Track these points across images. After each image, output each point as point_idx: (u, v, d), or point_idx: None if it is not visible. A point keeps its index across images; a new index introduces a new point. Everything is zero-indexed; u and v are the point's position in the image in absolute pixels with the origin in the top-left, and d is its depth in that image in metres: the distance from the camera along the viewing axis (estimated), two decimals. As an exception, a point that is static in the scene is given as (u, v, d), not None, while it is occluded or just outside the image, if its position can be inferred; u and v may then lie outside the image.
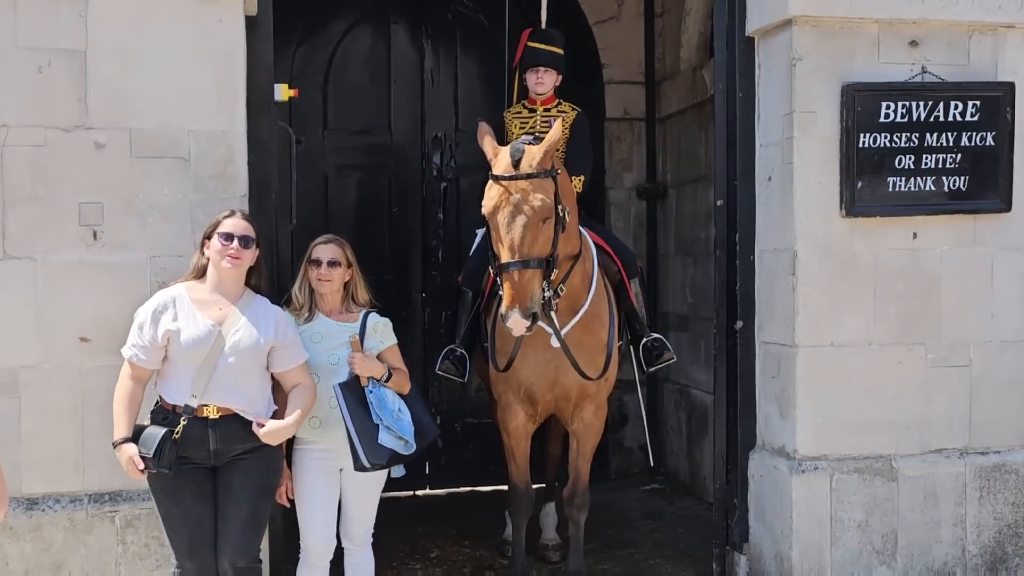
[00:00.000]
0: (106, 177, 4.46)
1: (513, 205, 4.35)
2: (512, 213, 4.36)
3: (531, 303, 4.33)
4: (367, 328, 4.37)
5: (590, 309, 4.95)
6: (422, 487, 7.61)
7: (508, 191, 4.36)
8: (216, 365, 3.92)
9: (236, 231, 4.02)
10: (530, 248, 4.36)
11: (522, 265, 4.33)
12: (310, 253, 4.42)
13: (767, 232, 5.23)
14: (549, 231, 4.44)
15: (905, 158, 5.04)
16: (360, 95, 7.56)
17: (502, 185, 4.39)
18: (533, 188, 4.37)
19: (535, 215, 4.36)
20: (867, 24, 5.04)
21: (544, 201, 4.38)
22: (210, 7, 4.52)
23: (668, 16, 7.86)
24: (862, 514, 5.06)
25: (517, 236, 4.34)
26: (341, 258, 4.40)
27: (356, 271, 4.47)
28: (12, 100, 4.39)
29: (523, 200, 4.35)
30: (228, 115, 4.56)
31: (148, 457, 3.86)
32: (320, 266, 4.37)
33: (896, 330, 5.10)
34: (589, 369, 4.98)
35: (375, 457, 4.19)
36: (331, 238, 4.48)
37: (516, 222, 4.35)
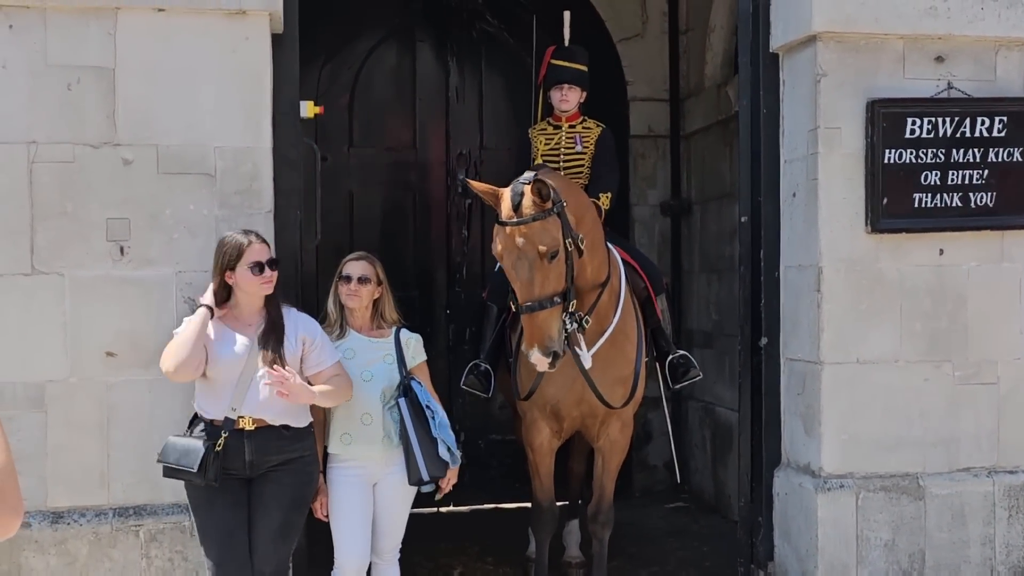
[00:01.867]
0: (133, 193, 4.50)
1: (519, 249, 4.37)
2: (519, 257, 4.39)
3: (550, 342, 4.38)
4: (400, 343, 4.40)
5: (618, 326, 4.94)
6: (445, 503, 7.56)
7: (513, 235, 4.38)
8: (252, 378, 3.97)
9: (263, 257, 4.06)
10: (542, 289, 4.39)
11: (537, 306, 4.38)
12: (341, 269, 4.44)
13: (792, 248, 5.21)
14: (560, 267, 4.45)
15: (931, 174, 5.02)
16: (386, 112, 7.61)
17: (508, 229, 4.41)
18: (537, 230, 4.38)
19: (541, 257, 4.39)
20: (892, 40, 5.02)
21: (550, 241, 4.39)
22: (237, 25, 4.56)
23: (692, 33, 7.86)
24: (889, 533, 5.02)
25: (526, 279, 4.40)
26: (371, 275, 4.41)
27: (386, 288, 4.48)
28: (42, 117, 4.44)
29: (528, 243, 4.36)
30: (254, 132, 4.60)
31: (192, 471, 3.91)
32: (350, 282, 4.38)
33: (923, 347, 5.06)
34: (616, 389, 4.97)
35: (435, 470, 4.25)
36: (362, 255, 4.50)
37: (524, 266, 4.39)
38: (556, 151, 5.69)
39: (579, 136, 5.65)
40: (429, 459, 4.23)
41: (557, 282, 4.43)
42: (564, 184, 4.76)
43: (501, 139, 7.68)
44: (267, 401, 3.98)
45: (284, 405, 4.01)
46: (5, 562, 4.41)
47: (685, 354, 5.42)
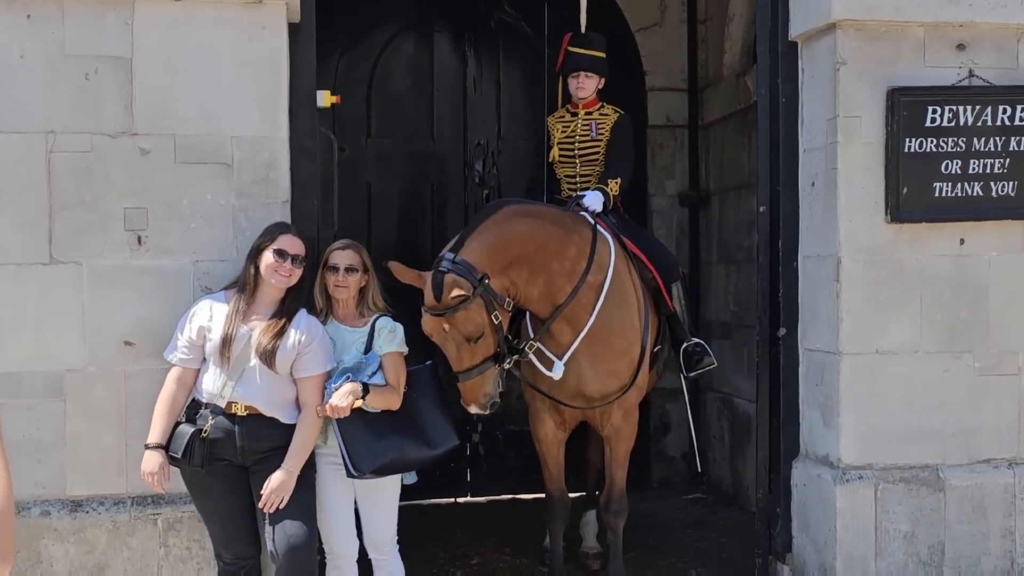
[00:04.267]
0: (151, 182, 4.51)
1: (444, 331, 4.49)
2: (446, 339, 4.51)
3: (485, 398, 4.62)
4: (374, 330, 4.32)
5: (598, 321, 4.91)
6: (463, 494, 7.61)
7: (439, 323, 4.48)
8: (245, 367, 4.06)
9: (291, 249, 4.14)
10: (471, 361, 4.54)
11: (466, 376, 4.56)
12: (326, 259, 4.39)
13: (810, 238, 5.18)
14: (488, 340, 4.56)
15: (952, 163, 4.97)
16: (403, 103, 7.60)
17: (431, 318, 4.50)
18: (460, 319, 4.45)
19: (466, 339, 4.50)
20: (912, 27, 4.97)
21: (472, 328, 4.48)
22: (254, 15, 4.56)
23: (711, 23, 7.82)
24: (908, 525, 4.98)
25: (455, 357, 4.55)
26: (358, 264, 4.37)
27: (372, 276, 4.42)
28: (59, 107, 4.45)
29: (452, 329, 4.47)
30: (271, 121, 4.59)
31: (178, 457, 4.04)
32: (337, 272, 4.34)
33: (943, 338, 5.02)
34: (609, 382, 4.99)
35: (366, 462, 4.16)
36: (348, 243, 4.44)
37: (452, 346, 4.53)
38: (571, 139, 5.68)
39: (595, 123, 5.63)
40: (362, 449, 4.15)
41: (486, 352, 4.58)
42: (492, 237, 4.62)
43: (519, 129, 7.66)
44: (258, 391, 4.07)
45: (274, 399, 4.10)
46: (25, 550, 4.44)
47: (700, 342, 5.40)
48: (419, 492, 5.88)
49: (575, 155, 5.67)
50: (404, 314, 7.18)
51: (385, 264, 4.52)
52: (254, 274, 4.16)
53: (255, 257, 4.18)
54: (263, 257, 4.15)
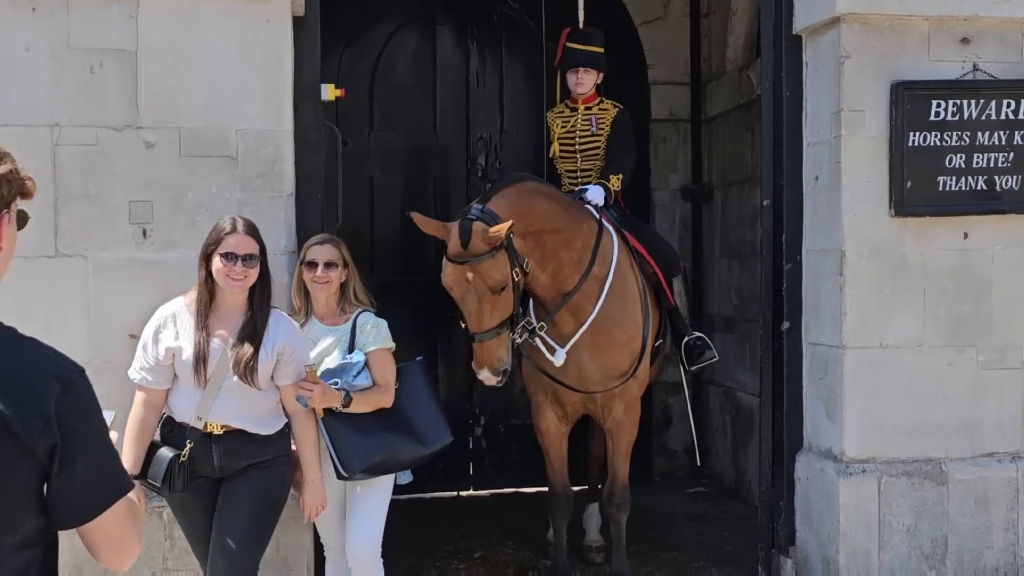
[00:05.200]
0: (155, 176, 4.52)
1: (468, 283, 4.44)
2: (468, 291, 4.46)
3: (499, 363, 4.55)
4: (356, 327, 4.14)
5: (601, 314, 4.93)
6: (465, 488, 7.62)
7: (462, 272, 4.44)
8: (221, 384, 3.78)
9: (239, 250, 3.74)
10: (489, 320, 4.50)
11: (484, 336, 4.50)
12: (304, 255, 4.24)
13: (814, 232, 5.18)
14: (508, 298, 4.53)
15: (956, 157, 4.97)
16: (406, 96, 7.60)
17: (454, 266, 4.46)
18: (486, 267, 4.43)
19: (489, 292, 4.46)
20: (917, 21, 4.97)
21: (499, 278, 4.46)
22: (258, 8, 4.56)
23: (714, 16, 7.81)
24: (911, 518, 4.99)
25: (474, 312, 4.49)
26: (337, 259, 4.20)
27: (353, 270, 4.27)
28: (64, 100, 4.46)
29: (476, 278, 4.43)
30: (275, 114, 4.61)
31: (157, 485, 3.80)
32: (316, 268, 4.18)
33: (946, 332, 5.03)
34: (609, 375, 4.98)
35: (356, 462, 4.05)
36: (326, 238, 4.28)
37: (473, 299, 4.47)
38: (572, 134, 5.68)
39: (595, 118, 5.64)
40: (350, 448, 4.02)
41: (504, 311, 4.55)
42: (518, 200, 4.67)
43: (521, 123, 7.66)
44: (237, 409, 3.81)
45: (255, 414, 3.84)
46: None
47: (701, 336, 5.42)
48: (421, 486, 5.90)
49: (576, 150, 5.68)
50: (399, 308, 7.21)
51: (407, 214, 4.55)
52: (207, 279, 3.80)
53: (206, 262, 3.81)
54: (212, 263, 3.78)
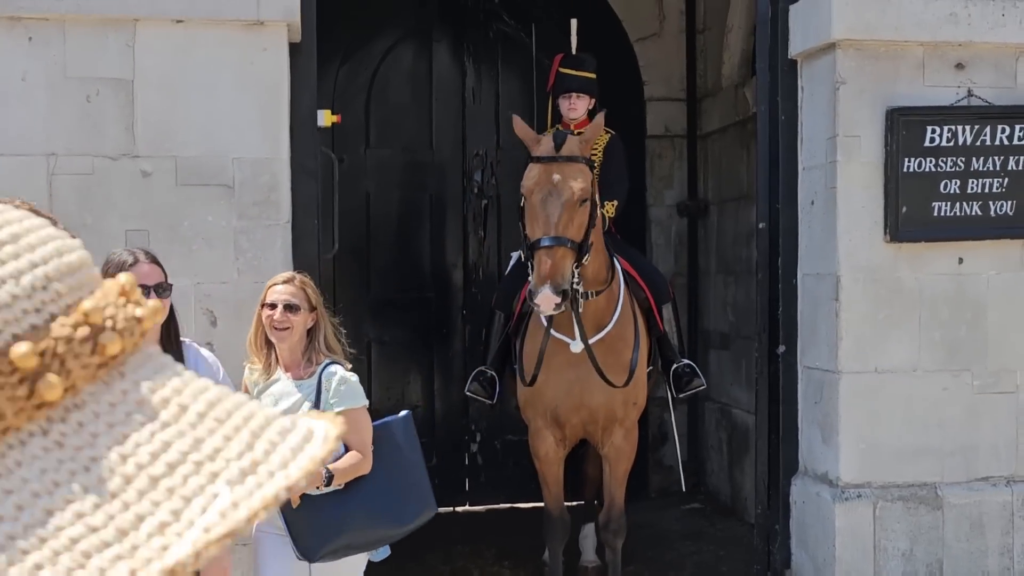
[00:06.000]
0: (152, 204, 4.52)
1: (553, 184, 4.47)
2: (551, 192, 4.47)
3: (562, 280, 4.39)
4: (321, 384, 3.52)
5: (614, 331, 4.96)
6: (461, 504, 7.63)
7: (549, 171, 4.46)
8: None
9: (150, 280, 3.30)
10: (565, 228, 4.46)
11: (556, 242, 4.42)
12: (264, 295, 3.63)
13: (810, 256, 5.20)
14: (584, 215, 4.54)
15: (951, 183, 4.99)
16: (402, 113, 7.60)
17: (544, 166, 4.49)
18: (574, 171, 4.50)
19: (574, 196, 4.49)
20: (912, 47, 4.99)
21: (584, 183, 4.52)
22: (255, 36, 4.56)
23: (709, 33, 7.82)
24: (907, 543, 5.01)
25: (555, 214, 4.46)
26: (301, 301, 3.56)
27: (323, 314, 3.64)
28: (61, 129, 4.46)
29: (563, 180, 4.47)
30: (272, 142, 4.61)
31: None
32: (275, 310, 3.55)
33: (941, 356, 5.05)
34: (615, 394, 4.99)
35: (317, 541, 3.46)
36: (289, 276, 3.67)
37: (555, 201, 4.46)
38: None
39: None
40: (308, 528, 3.42)
41: (578, 229, 4.51)
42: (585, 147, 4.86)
43: (517, 139, 7.58)
44: None
45: None
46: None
47: (690, 363, 5.43)
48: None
49: None
50: (396, 324, 7.19)
51: (510, 115, 4.68)
52: None
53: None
54: None
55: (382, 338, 7.63)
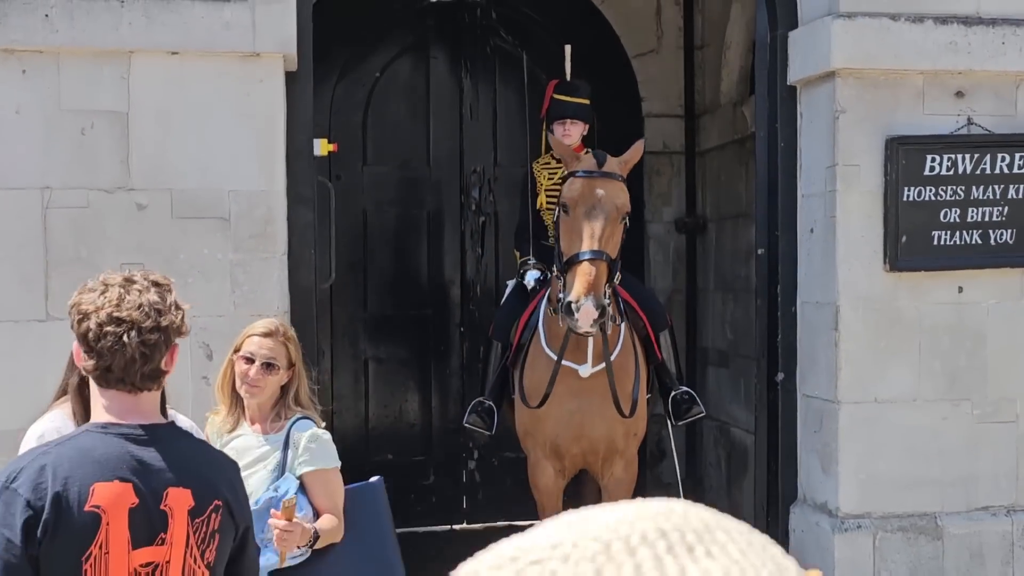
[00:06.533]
0: (147, 238, 4.49)
1: (597, 198, 4.51)
2: (595, 205, 4.51)
3: (602, 294, 4.41)
4: (289, 440, 3.23)
5: (618, 360, 4.93)
6: (459, 522, 7.61)
7: (592, 186, 4.52)
8: None
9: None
10: (606, 243, 4.51)
11: (598, 256, 4.44)
12: (241, 342, 3.32)
13: (809, 284, 5.18)
14: (620, 234, 4.60)
15: (950, 211, 4.97)
16: (399, 129, 7.57)
17: (587, 180, 4.54)
18: (616, 188, 4.57)
19: (616, 211, 4.55)
20: (911, 75, 4.96)
21: (624, 201, 4.59)
22: (251, 68, 4.53)
23: (708, 49, 7.79)
24: (906, 573, 4.99)
25: (598, 228, 4.48)
26: (280, 358, 3.27)
27: (300, 372, 3.34)
28: (55, 162, 4.43)
29: (607, 196, 4.52)
30: (268, 175, 4.58)
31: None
32: (251, 365, 3.26)
33: (941, 386, 5.02)
34: (616, 426, 4.97)
35: None
36: (272, 329, 3.32)
37: (598, 214, 4.50)
38: (559, 186, 5.66)
39: None
40: None
41: (615, 246, 4.57)
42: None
43: (515, 156, 7.62)
44: None
45: None
46: None
47: (688, 391, 5.40)
48: (414, 520, 5.88)
49: None
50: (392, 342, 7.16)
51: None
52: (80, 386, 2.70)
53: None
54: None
55: (379, 355, 7.61)
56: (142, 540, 2.11)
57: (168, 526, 2.14)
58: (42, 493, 2.03)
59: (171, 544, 2.14)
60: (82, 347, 2.23)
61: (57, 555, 2.03)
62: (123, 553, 2.08)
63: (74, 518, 2.04)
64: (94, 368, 2.21)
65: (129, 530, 2.09)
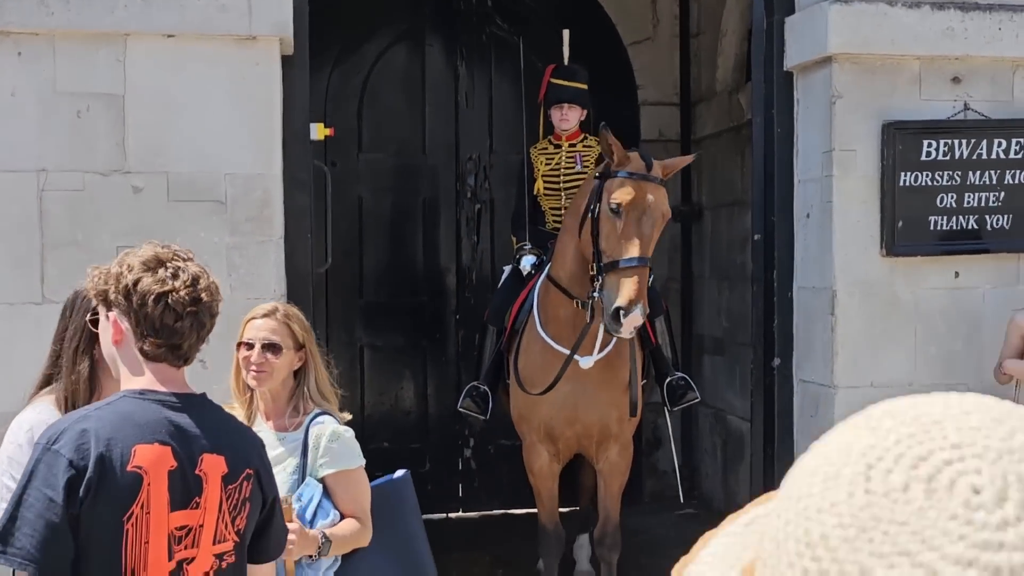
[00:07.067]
0: (143, 221, 4.47)
1: (648, 204, 4.48)
2: (646, 211, 4.49)
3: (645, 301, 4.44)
4: (308, 441, 3.02)
5: (613, 349, 4.94)
6: (455, 510, 7.61)
7: (644, 190, 4.49)
8: None
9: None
10: (652, 249, 4.53)
11: (645, 263, 4.47)
12: (242, 330, 3.08)
13: (805, 269, 5.18)
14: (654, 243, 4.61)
15: (947, 197, 4.97)
16: (395, 117, 7.56)
17: (638, 183, 4.50)
18: (663, 194, 4.57)
19: (662, 218, 4.57)
20: (908, 61, 4.96)
21: (667, 207, 4.60)
22: (247, 51, 4.52)
23: (704, 37, 7.79)
24: (901, 557, 4.99)
25: (648, 235, 4.50)
26: (283, 338, 3.03)
27: (313, 353, 3.10)
28: (51, 145, 4.41)
29: (656, 203, 4.51)
30: (265, 158, 4.57)
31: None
32: (252, 351, 3.02)
33: (937, 371, 5.03)
34: (611, 412, 4.98)
35: None
36: (271, 308, 3.11)
37: (648, 221, 4.50)
38: (556, 171, 5.66)
39: (579, 155, 5.62)
40: None
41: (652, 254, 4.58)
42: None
43: (511, 144, 7.59)
44: None
45: None
46: None
47: (684, 376, 5.42)
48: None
49: (560, 187, 5.66)
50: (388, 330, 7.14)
51: (602, 126, 4.56)
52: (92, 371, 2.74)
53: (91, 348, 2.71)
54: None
55: (375, 343, 7.60)
56: (179, 503, 2.15)
57: (203, 490, 2.18)
58: (84, 454, 2.05)
59: (205, 509, 2.18)
60: (143, 328, 2.21)
61: (100, 515, 2.06)
62: (163, 514, 2.12)
63: (117, 478, 2.07)
64: (157, 346, 2.21)
65: (168, 492, 2.13)
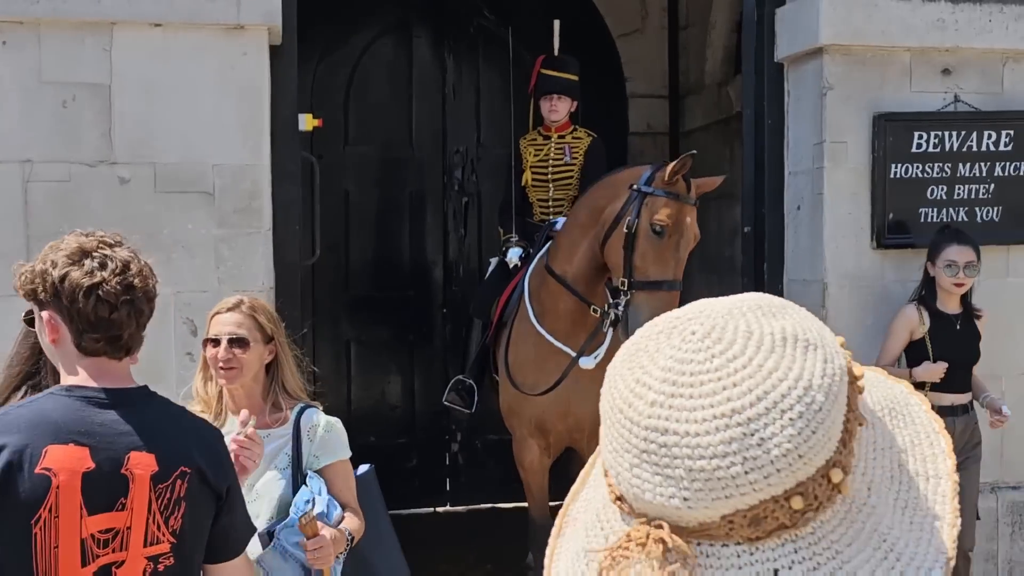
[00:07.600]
0: (130, 212, 4.42)
1: (687, 227, 4.49)
2: (684, 234, 4.49)
3: None
4: (301, 434, 2.94)
5: (611, 345, 4.92)
6: (442, 504, 7.58)
7: (683, 213, 4.47)
8: None
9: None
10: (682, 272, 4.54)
11: (679, 286, 4.49)
12: (208, 326, 3.01)
13: (796, 262, 5.17)
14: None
15: (937, 189, 4.97)
16: (381, 109, 7.51)
17: (680, 205, 4.47)
18: (696, 216, 4.55)
19: (694, 241, 4.56)
20: (899, 52, 4.96)
21: (696, 228, 4.57)
22: (235, 41, 4.47)
23: (692, 29, 7.77)
24: (891, 549, 5.00)
25: (683, 258, 4.52)
26: (250, 331, 2.92)
27: (282, 347, 3.00)
28: (36, 135, 4.36)
29: (692, 225, 4.51)
30: (253, 148, 4.52)
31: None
32: (218, 346, 2.92)
33: (927, 363, 5.02)
34: None
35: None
36: (237, 302, 3.00)
37: (685, 245, 4.51)
38: (545, 163, 5.64)
39: (568, 147, 5.59)
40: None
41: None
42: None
43: (498, 136, 7.57)
44: None
45: None
46: None
47: None
48: (397, 502, 5.84)
49: (548, 179, 5.63)
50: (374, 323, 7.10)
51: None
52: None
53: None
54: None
55: (361, 337, 7.56)
56: (100, 506, 2.02)
57: (129, 491, 2.05)
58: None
59: (132, 510, 2.05)
60: (79, 324, 2.09)
61: (6, 518, 1.97)
62: (75, 518, 2.00)
63: (25, 480, 1.96)
64: (96, 341, 2.10)
65: (83, 495, 2.00)
